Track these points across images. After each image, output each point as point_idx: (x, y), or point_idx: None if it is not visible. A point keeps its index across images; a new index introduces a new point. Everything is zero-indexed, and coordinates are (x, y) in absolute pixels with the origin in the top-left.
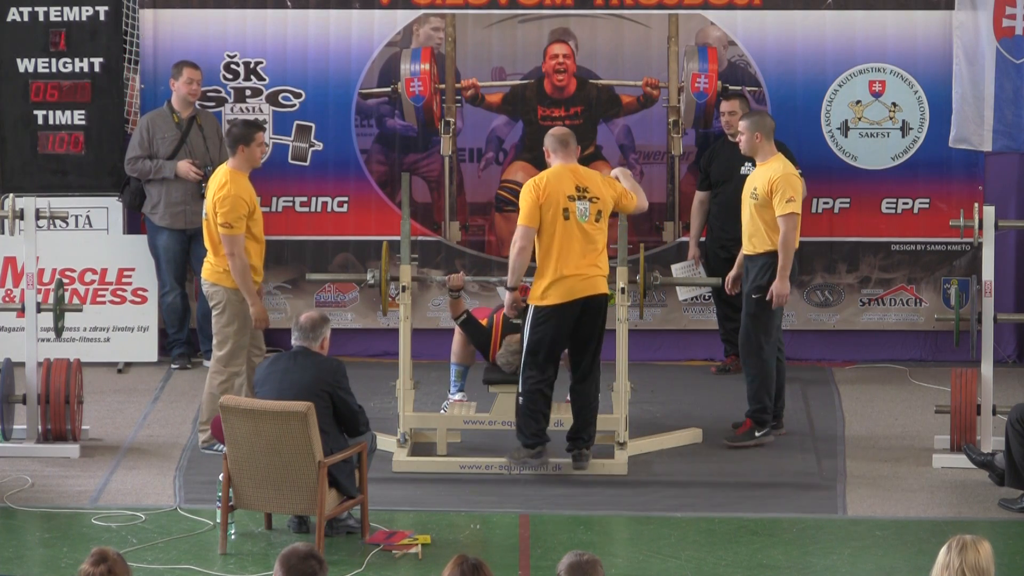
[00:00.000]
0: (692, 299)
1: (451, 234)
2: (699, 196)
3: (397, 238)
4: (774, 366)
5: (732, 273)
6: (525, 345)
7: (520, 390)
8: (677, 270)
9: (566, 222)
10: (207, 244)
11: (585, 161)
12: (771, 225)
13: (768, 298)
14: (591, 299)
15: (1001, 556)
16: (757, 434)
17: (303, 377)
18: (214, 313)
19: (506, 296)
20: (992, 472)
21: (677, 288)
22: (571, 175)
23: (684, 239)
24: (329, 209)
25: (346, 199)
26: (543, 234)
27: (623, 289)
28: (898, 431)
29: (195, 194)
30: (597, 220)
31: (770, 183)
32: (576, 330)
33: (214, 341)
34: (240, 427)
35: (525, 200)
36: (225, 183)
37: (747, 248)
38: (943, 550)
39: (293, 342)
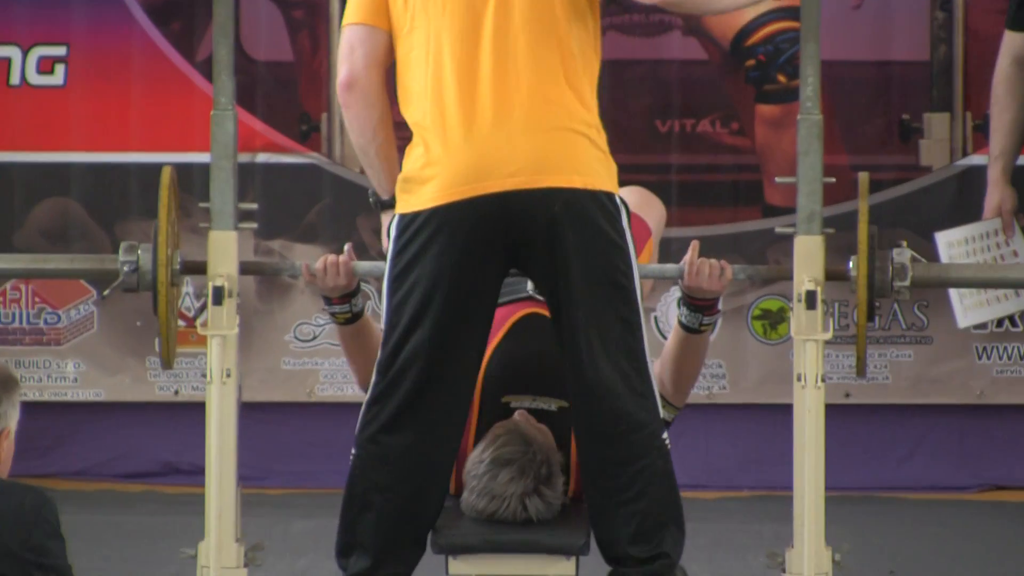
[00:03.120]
0: (996, 326)
1: (344, 149)
2: (1013, 44)
3: (197, 157)
4: None
5: None
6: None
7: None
8: (954, 245)
9: None
10: None
11: None
12: None
13: None
14: (534, 197)
15: None
16: None
17: None
18: None
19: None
20: None
21: (952, 295)
22: None
23: (977, 160)
24: (18, 79)
25: (62, 52)
26: (401, 41)
27: (809, 296)
28: None
29: None
30: None
31: None
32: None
33: None
34: None
35: None
36: None
37: None
38: None
39: None
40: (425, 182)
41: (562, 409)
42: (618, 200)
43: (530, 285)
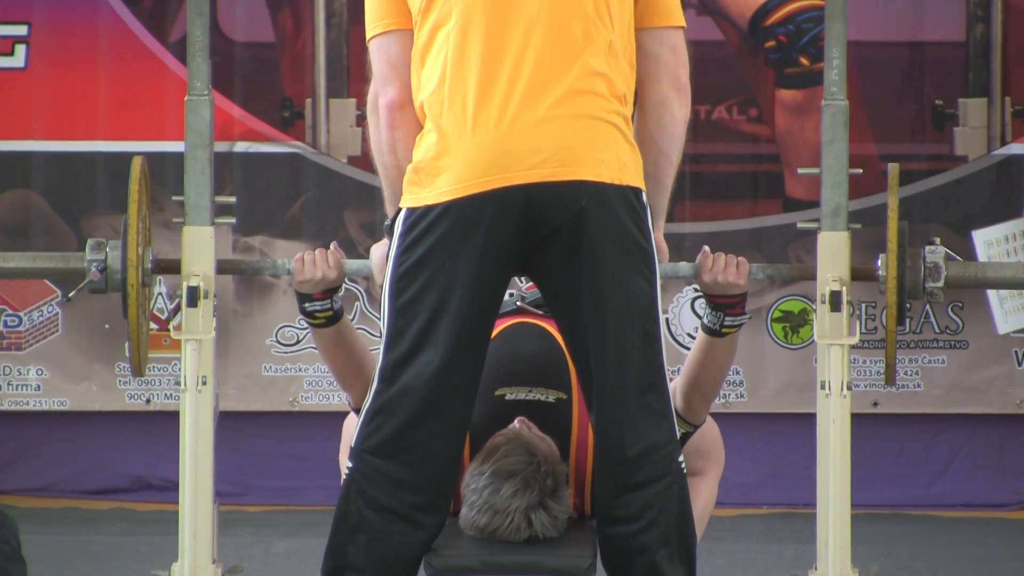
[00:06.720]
0: None
1: (329, 137)
2: None
3: (169, 146)
4: None
5: None
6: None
7: None
8: (993, 243)
9: None
10: None
11: None
12: None
13: None
14: (559, 191)
15: None
16: None
17: None
18: None
19: (375, 252)
20: None
21: (991, 297)
22: None
23: (1016, 148)
24: None
25: (23, 31)
26: (421, 21)
27: (834, 297)
28: None
29: None
30: None
31: None
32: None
33: None
34: None
35: None
36: None
37: None
38: None
39: None
40: (439, 173)
41: (560, 401)
42: (644, 198)
43: (516, 296)
